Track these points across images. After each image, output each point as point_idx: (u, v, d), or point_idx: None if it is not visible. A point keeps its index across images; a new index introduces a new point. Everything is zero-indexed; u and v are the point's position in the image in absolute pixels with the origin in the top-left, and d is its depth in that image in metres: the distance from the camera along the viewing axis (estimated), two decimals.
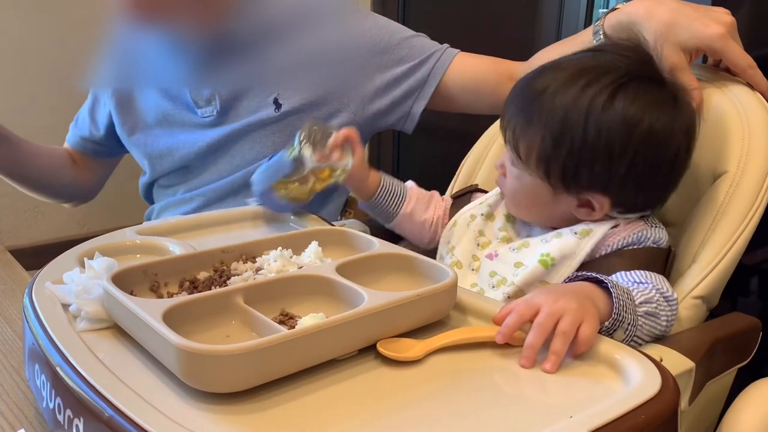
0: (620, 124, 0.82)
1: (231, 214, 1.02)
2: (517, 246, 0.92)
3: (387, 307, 0.67)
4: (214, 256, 0.80)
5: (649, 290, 0.79)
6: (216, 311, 0.68)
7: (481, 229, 0.98)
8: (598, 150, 0.83)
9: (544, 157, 0.86)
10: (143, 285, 0.74)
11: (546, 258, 0.87)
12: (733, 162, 0.88)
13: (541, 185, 0.88)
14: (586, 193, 0.87)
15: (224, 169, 1.24)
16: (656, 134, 0.83)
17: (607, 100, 0.82)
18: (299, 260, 0.81)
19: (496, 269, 0.92)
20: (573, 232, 0.88)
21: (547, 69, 0.89)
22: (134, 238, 0.91)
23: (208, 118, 1.23)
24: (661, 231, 0.88)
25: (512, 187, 0.92)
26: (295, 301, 0.72)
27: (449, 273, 0.74)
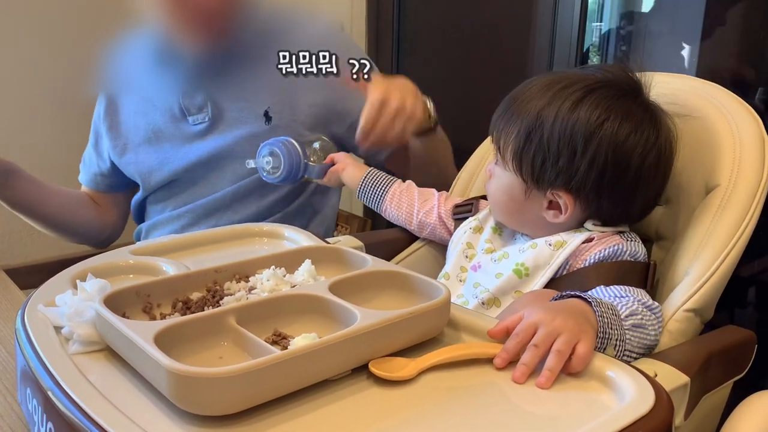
0: (584, 122, 0.87)
1: (224, 232, 1.02)
2: (497, 257, 0.95)
3: (380, 326, 0.67)
4: (207, 276, 0.80)
5: (631, 303, 0.80)
6: (208, 332, 0.68)
7: (469, 242, 1.01)
8: (562, 145, 0.87)
9: (517, 150, 0.91)
10: (136, 306, 0.74)
11: (520, 268, 0.91)
12: (725, 175, 0.88)
13: (515, 181, 0.93)
14: (552, 191, 0.90)
15: (213, 183, 1.25)
16: (619, 139, 0.87)
17: (578, 100, 0.88)
18: (292, 279, 0.81)
19: (479, 280, 0.95)
20: (548, 243, 0.91)
21: (533, 79, 0.95)
22: (128, 258, 0.90)
23: (199, 125, 1.24)
24: (637, 245, 0.90)
25: (493, 186, 0.97)
26: (287, 320, 0.72)
27: (442, 290, 0.73)
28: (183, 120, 1.25)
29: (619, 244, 0.89)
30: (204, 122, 1.24)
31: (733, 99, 0.95)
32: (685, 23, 1.57)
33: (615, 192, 0.89)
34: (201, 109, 1.24)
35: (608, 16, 1.72)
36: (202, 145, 1.24)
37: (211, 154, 1.24)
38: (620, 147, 0.87)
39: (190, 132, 1.25)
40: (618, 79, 0.91)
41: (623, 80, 0.91)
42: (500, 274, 0.93)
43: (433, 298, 0.73)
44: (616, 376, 0.66)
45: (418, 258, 1.13)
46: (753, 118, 0.91)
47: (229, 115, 1.23)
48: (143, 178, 1.30)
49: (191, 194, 1.27)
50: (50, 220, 1.34)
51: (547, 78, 0.93)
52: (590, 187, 0.88)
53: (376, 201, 1.13)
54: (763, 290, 1.49)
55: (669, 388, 0.68)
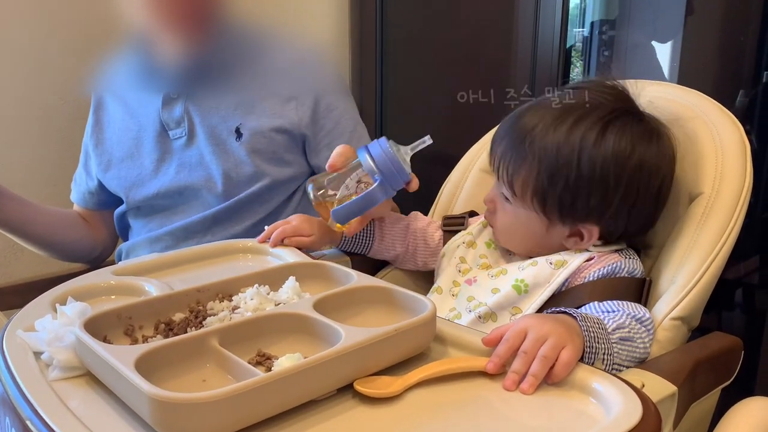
0: (613, 157, 0.85)
1: (207, 249, 1.01)
2: (495, 273, 0.94)
3: (365, 344, 0.66)
4: (190, 296, 0.79)
5: (620, 316, 0.79)
6: (191, 355, 0.67)
7: (462, 256, 1.00)
8: (593, 183, 0.86)
9: (540, 191, 0.88)
10: (117, 329, 0.73)
11: (520, 284, 0.90)
12: (707, 183, 0.88)
13: (535, 218, 0.91)
14: (579, 224, 0.90)
15: (192, 202, 1.25)
16: (646, 165, 0.87)
17: (599, 135, 0.86)
18: (277, 297, 0.80)
19: (473, 294, 0.94)
20: (548, 262, 0.90)
21: (532, 107, 0.92)
22: (109, 278, 0.89)
23: (179, 139, 1.24)
24: (635, 262, 0.90)
25: (505, 222, 0.95)
26: (272, 340, 0.71)
27: (428, 305, 0.73)
28: (165, 134, 1.24)
29: (618, 262, 0.88)
30: (182, 136, 1.24)
31: (714, 106, 0.95)
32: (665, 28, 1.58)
33: (639, 215, 0.89)
34: (179, 123, 1.23)
35: (589, 22, 1.73)
36: (181, 159, 1.24)
37: (188, 169, 1.23)
38: (647, 175, 0.87)
39: (171, 147, 1.25)
40: (619, 98, 0.90)
41: (622, 99, 0.90)
42: (497, 290, 0.91)
43: (419, 313, 0.72)
44: (604, 389, 0.66)
45: (390, 279, 1.10)
46: (734, 125, 0.91)
47: (203, 130, 1.23)
48: (125, 193, 1.29)
49: (172, 213, 1.27)
50: (38, 240, 1.33)
51: (553, 109, 0.89)
52: (621, 216, 0.88)
53: (364, 246, 1.08)
54: (749, 293, 1.50)
55: (656, 399, 0.68)
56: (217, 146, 1.22)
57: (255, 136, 1.21)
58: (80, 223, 1.39)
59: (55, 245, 1.36)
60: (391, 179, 0.90)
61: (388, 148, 0.89)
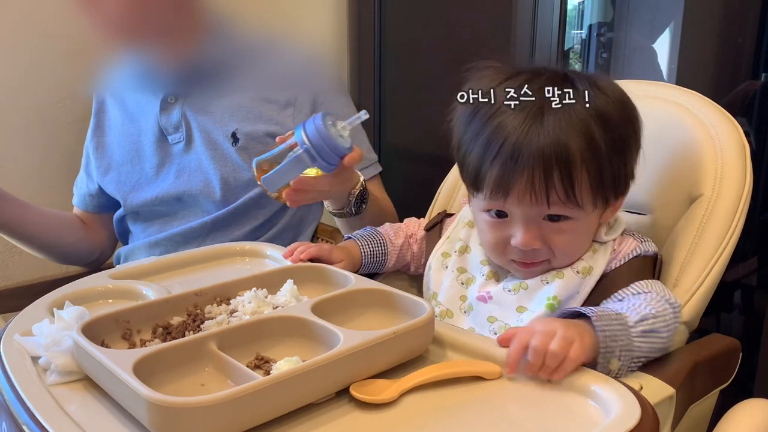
0: (621, 101, 0.82)
1: (205, 252, 1.01)
2: (512, 287, 0.86)
3: (363, 347, 0.66)
4: (187, 300, 0.78)
5: (644, 305, 0.76)
6: (189, 359, 0.67)
7: (460, 266, 0.93)
8: (629, 135, 0.82)
9: (596, 184, 0.80)
10: (115, 334, 0.73)
11: (553, 302, 0.83)
12: (707, 185, 0.88)
13: (594, 217, 0.83)
14: (614, 197, 0.83)
15: (190, 208, 1.24)
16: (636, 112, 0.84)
17: (594, 89, 0.80)
18: (275, 300, 0.80)
19: (494, 314, 0.87)
20: (575, 270, 0.84)
21: (514, 127, 0.80)
22: (107, 282, 0.89)
23: (178, 144, 1.24)
24: (650, 244, 0.87)
25: (569, 243, 0.83)
26: (270, 343, 0.71)
27: (426, 307, 0.73)
28: (164, 139, 1.24)
29: (637, 248, 0.85)
30: (181, 141, 1.24)
31: (713, 107, 0.95)
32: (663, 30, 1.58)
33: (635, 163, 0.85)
34: (177, 128, 1.23)
35: (587, 24, 1.73)
36: (180, 164, 1.24)
37: (187, 174, 1.23)
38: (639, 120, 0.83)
39: (170, 151, 1.25)
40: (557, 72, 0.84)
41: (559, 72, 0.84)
42: (523, 308, 0.85)
43: (417, 316, 0.72)
44: (602, 391, 0.66)
45: (388, 283, 1.07)
46: (733, 126, 0.91)
47: (200, 135, 1.22)
48: (123, 197, 1.29)
49: (171, 218, 1.26)
50: (35, 241, 1.32)
51: (532, 111, 0.79)
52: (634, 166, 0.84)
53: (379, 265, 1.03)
54: (747, 294, 1.49)
55: (655, 401, 0.68)
56: (215, 151, 1.21)
57: (251, 141, 1.20)
58: (78, 226, 1.39)
59: (52, 247, 1.35)
60: (320, 150, 0.91)
61: (319, 123, 0.91)
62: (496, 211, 0.83)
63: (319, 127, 0.91)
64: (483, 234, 0.88)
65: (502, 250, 0.85)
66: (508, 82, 0.82)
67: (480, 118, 0.82)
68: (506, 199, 0.80)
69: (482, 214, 0.86)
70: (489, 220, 0.85)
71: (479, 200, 0.85)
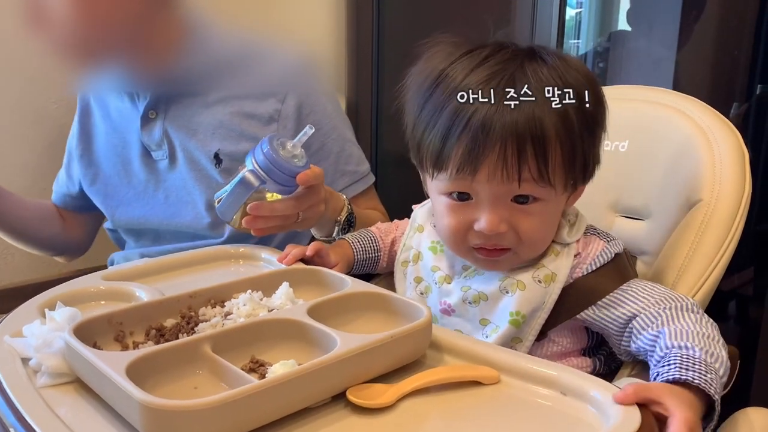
0: (588, 78, 0.77)
1: (199, 255, 1.00)
2: (472, 298, 0.83)
3: (360, 350, 0.65)
4: (181, 302, 0.77)
5: (705, 339, 0.71)
6: (183, 361, 0.65)
7: (416, 276, 0.90)
8: (599, 111, 0.77)
9: (569, 162, 0.76)
10: (108, 335, 0.72)
11: (517, 317, 0.80)
12: (706, 190, 0.88)
13: (562, 201, 0.79)
14: (579, 182, 0.80)
15: (176, 228, 1.21)
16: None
17: (563, 63, 0.76)
18: (270, 302, 0.79)
19: (459, 327, 0.84)
20: (536, 280, 0.80)
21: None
22: (99, 284, 0.88)
23: (162, 161, 1.20)
24: (617, 242, 0.83)
25: (536, 228, 0.78)
26: (265, 346, 0.70)
27: (423, 311, 0.72)
28: (148, 155, 1.21)
29: (605, 250, 0.81)
30: (165, 159, 1.19)
31: (711, 113, 0.95)
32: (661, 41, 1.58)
33: None
34: (160, 146, 1.19)
35: (585, 34, 1.73)
36: (166, 183, 1.20)
37: (175, 199, 1.20)
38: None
39: (156, 167, 1.21)
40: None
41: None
42: (486, 321, 0.82)
43: (415, 320, 0.71)
44: (602, 397, 0.65)
45: (384, 286, 1.06)
46: (732, 132, 0.91)
47: (183, 155, 1.18)
48: (110, 212, 1.26)
49: (162, 236, 1.24)
50: (11, 230, 1.30)
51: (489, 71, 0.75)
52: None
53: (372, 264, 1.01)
54: (743, 304, 1.49)
55: None
56: (198, 172, 1.17)
57: (234, 162, 1.14)
58: (57, 219, 1.36)
59: (29, 238, 1.34)
60: (269, 171, 0.89)
61: (266, 144, 0.89)
62: (458, 194, 0.78)
63: (265, 148, 0.89)
64: (441, 219, 0.82)
65: (463, 237, 0.80)
66: (467, 58, 0.77)
67: (441, 93, 0.77)
68: (474, 177, 0.75)
69: (441, 198, 0.80)
70: (449, 203, 0.79)
71: (440, 182, 0.79)
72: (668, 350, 0.71)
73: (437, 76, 0.78)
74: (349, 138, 1.26)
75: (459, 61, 0.78)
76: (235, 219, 0.94)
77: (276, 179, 0.90)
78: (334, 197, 1.05)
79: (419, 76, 0.81)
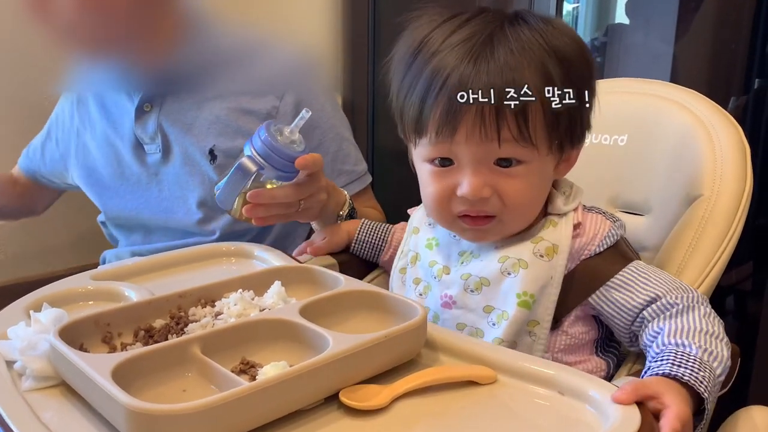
0: (575, 41, 0.75)
1: (190, 253, 0.98)
2: (474, 285, 0.80)
3: (353, 351, 0.63)
4: (171, 302, 0.75)
5: (705, 338, 0.70)
6: (171, 363, 0.64)
7: (415, 277, 0.88)
8: (586, 67, 0.75)
9: (551, 120, 0.73)
10: (95, 337, 0.70)
11: (526, 298, 0.77)
12: (707, 185, 0.86)
13: (549, 163, 0.77)
14: (568, 147, 0.77)
15: (168, 225, 1.20)
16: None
17: (548, 24, 0.75)
18: (261, 302, 0.77)
19: (462, 320, 0.81)
20: (537, 255, 0.77)
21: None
22: (87, 284, 0.86)
23: (154, 155, 1.18)
24: (622, 223, 0.81)
25: (521, 192, 0.76)
26: (256, 347, 0.68)
27: (418, 310, 0.70)
28: (141, 148, 1.19)
29: (611, 231, 0.78)
30: (158, 152, 1.18)
31: (712, 106, 0.93)
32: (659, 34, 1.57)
33: None
34: (153, 139, 1.17)
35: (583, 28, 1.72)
36: (159, 178, 1.18)
37: (168, 194, 1.18)
38: None
39: (147, 162, 1.19)
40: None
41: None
42: (490, 308, 0.79)
43: (409, 318, 0.69)
44: (601, 396, 0.63)
45: (379, 284, 1.02)
46: (733, 126, 0.89)
47: (179, 150, 1.16)
48: (103, 203, 1.25)
49: (153, 232, 1.23)
50: None
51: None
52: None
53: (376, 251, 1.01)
54: (741, 299, 1.48)
55: None
56: (192, 167, 1.15)
57: (229, 159, 1.11)
58: (10, 188, 1.36)
59: None
60: (267, 158, 0.88)
61: (263, 131, 0.88)
62: (440, 159, 0.77)
63: (263, 134, 0.88)
64: (425, 188, 0.80)
65: (447, 204, 0.78)
66: (448, 23, 0.76)
67: (422, 58, 0.76)
68: (453, 138, 0.73)
69: (425, 165, 0.79)
70: (432, 170, 0.78)
71: (422, 148, 0.78)
72: (664, 347, 0.70)
73: (419, 44, 0.77)
74: (346, 137, 1.25)
75: (440, 26, 0.77)
76: (235, 208, 0.93)
77: (274, 165, 0.89)
78: (336, 191, 1.04)
79: (403, 46, 0.80)
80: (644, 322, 0.76)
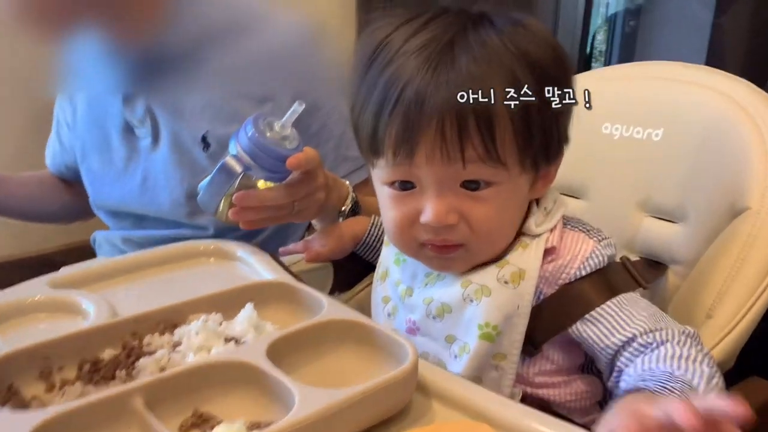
0: (548, 43, 0.66)
1: (163, 253, 0.87)
2: (436, 311, 0.71)
3: (323, 414, 0.53)
4: (124, 329, 0.65)
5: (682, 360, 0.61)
6: (109, 418, 0.54)
7: (384, 296, 0.79)
8: (563, 70, 0.66)
9: (522, 135, 0.64)
10: (30, 372, 0.61)
11: (488, 330, 0.68)
12: (755, 197, 0.73)
13: (523, 182, 0.67)
14: (543, 165, 0.68)
15: (158, 213, 1.10)
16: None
17: (513, 33, 0.65)
18: (229, 328, 0.67)
19: (426, 348, 0.72)
20: (501, 281, 0.68)
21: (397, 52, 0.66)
22: (44, 292, 0.77)
23: (145, 139, 1.08)
24: (612, 243, 0.71)
25: (491, 218, 0.66)
26: (212, 394, 0.58)
27: (408, 351, 0.59)
28: (130, 130, 1.09)
29: (596, 252, 0.68)
30: (147, 137, 1.08)
31: (762, 98, 0.79)
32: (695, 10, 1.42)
33: None
34: (142, 122, 1.07)
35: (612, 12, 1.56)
36: (146, 164, 1.09)
37: (153, 183, 1.08)
38: None
39: (137, 145, 1.09)
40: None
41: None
42: (452, 337, 0.70)
43: (398, 359, 0.59)
44: None
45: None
46: None
47: (168, 136, 1.06)
48: (93, 189, 1.17)
49: (141, 220, 1.13)
50: (17, 213, 1.26)
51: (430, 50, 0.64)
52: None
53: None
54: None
55: None
56: (181, 155, 1.04)
57: (223, 147, 0.98)
58: (61, 191, 1.28)
59: (34, 215, 1.30)
60: (254, 156, 0.77)
61: (249, 126, 0.77)
62: (400, 183, 0.67)
63: (249, 130, 0.76)
64: (385, 213, 0.71)
65: (408, 232, 0.68)
66: (407, 24, 0.67)
67: (376, 67, 0.66)
68: (412, 160, 0.64)
69: (384, 188, 0.70)
70: (392, 193, 0.69)
71: (380, 170, 0.69)
72: (629, 377, 0.63)
73: (375, 48, 0.67)
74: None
75: (398, 29, 0.67)
76: (221, 211, 0.82)
77: (262, 164, 0.77)
78: (337, 185, 0.92)
79: (359, 51, 0.69)
80: (618, 364, 0.66)
